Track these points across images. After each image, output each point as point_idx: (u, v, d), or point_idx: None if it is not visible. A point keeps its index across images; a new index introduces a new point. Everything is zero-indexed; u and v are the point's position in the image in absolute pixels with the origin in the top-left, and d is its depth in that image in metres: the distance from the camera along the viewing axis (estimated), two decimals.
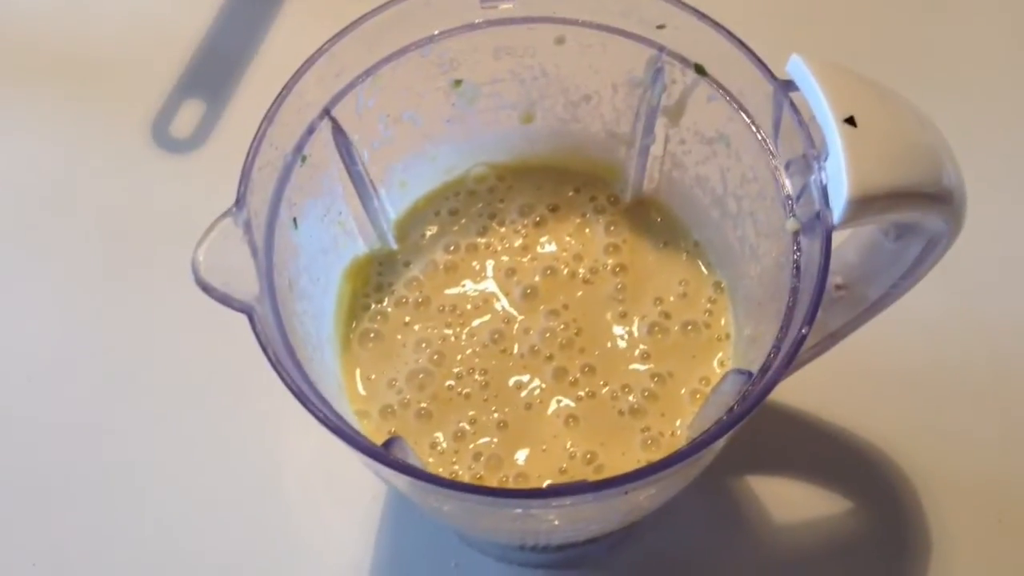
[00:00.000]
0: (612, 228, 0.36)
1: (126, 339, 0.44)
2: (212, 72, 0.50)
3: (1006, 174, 0.46)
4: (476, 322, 0.35)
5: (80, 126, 0.49)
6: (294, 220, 0.31)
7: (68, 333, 0.44)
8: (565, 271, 0.36)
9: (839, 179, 0.26)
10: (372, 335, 0.35)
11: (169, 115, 0.49)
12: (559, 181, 0.37)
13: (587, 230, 0.36)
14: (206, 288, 0.26)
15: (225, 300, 0.26)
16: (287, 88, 0.29)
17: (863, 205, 0.26)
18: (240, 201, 0.28)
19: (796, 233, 0.28)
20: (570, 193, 0.37)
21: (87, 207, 0.47)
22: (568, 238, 0.36)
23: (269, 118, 0.29)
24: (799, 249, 0.28)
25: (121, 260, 0.46)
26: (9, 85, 0.51)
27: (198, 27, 0.52)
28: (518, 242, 0.36)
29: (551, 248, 0.36)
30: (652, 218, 0.37)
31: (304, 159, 0.31)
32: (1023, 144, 0.47)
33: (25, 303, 0.45)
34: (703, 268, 0.35)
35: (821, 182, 0.27)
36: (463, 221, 0.37)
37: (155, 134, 0.49)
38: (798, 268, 0.28)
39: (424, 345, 0.34)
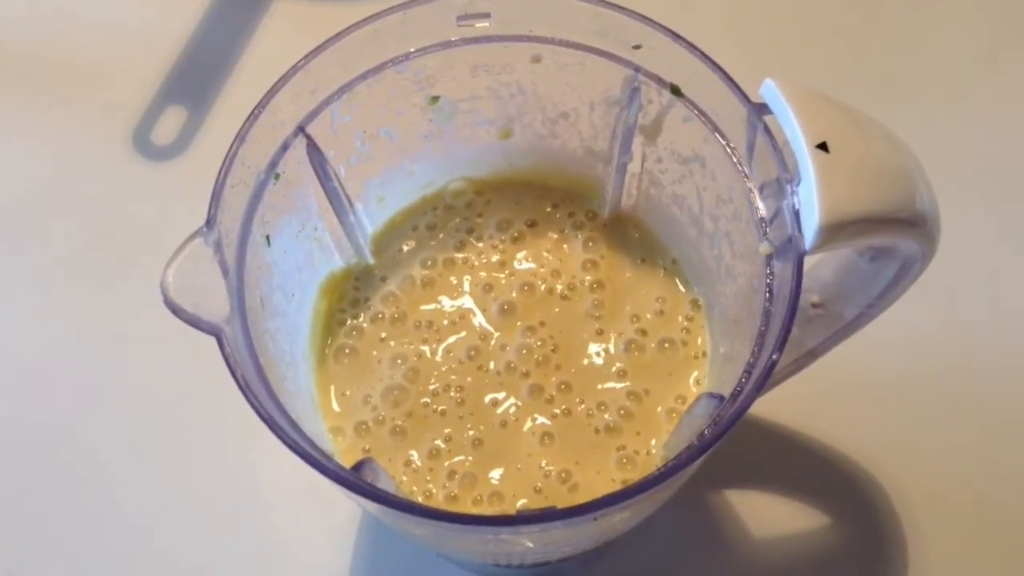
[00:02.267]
0: (590, 244, 0.36)
1: (104, 346, 0.44)
2: (194, 79, 0.50)
3: (981, 188, 0.46)
4: (452, 338, 0.35)
5: (61, 132, 0.49)
6: (267, 238, 0.30)
7: (46, 339, 0.44)
8: (542, 287, 0.36)
9: (811, 205, 0.26)
10: (347, 351, 0.34)
11: (151, 122, 0.49)
12: (537, 196, 0.37)
13: (565, 246, 0.36)
14: (175, 310, 0.26)
15: (194, 322, 0.26)
16: (260, 106, 0.29)
17: (835, 231, 0.26)
18: (211, 221, 0.27)
19: (769, 256, 0.28)
20: (548, 208, 0.37)
21: (68, 213, 0.47)
22: (546, 254, 0.36)
23: (241, 137, 0.29)
24: (771, 273, 0.28)
25: (102, 266, 0.46)
26: None
27: (181, 33, 0.51)
28: (496, 257, 0.36)
29: (529, 264, 0.36)
30: (630, 234, 0.36)
31: (278, 176, 0.31)
32: (996, 159, 0.47)
33: (1, 308, 0.45)
34: (680, 286, 0.35)
35: (793, 207, 0.27)
36: (441, 236, 0.37)
37: (136, 141, 0.48)
38: (771, 292, 0.28)
39: (400, 361, 0.34)
